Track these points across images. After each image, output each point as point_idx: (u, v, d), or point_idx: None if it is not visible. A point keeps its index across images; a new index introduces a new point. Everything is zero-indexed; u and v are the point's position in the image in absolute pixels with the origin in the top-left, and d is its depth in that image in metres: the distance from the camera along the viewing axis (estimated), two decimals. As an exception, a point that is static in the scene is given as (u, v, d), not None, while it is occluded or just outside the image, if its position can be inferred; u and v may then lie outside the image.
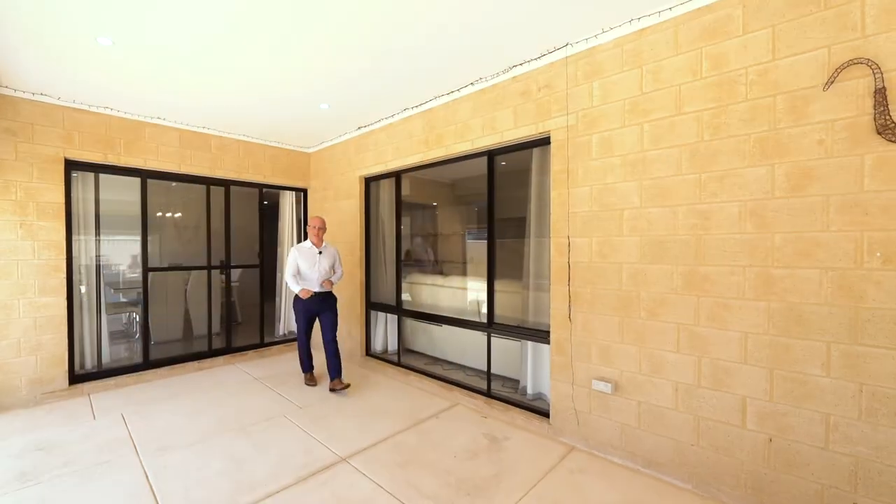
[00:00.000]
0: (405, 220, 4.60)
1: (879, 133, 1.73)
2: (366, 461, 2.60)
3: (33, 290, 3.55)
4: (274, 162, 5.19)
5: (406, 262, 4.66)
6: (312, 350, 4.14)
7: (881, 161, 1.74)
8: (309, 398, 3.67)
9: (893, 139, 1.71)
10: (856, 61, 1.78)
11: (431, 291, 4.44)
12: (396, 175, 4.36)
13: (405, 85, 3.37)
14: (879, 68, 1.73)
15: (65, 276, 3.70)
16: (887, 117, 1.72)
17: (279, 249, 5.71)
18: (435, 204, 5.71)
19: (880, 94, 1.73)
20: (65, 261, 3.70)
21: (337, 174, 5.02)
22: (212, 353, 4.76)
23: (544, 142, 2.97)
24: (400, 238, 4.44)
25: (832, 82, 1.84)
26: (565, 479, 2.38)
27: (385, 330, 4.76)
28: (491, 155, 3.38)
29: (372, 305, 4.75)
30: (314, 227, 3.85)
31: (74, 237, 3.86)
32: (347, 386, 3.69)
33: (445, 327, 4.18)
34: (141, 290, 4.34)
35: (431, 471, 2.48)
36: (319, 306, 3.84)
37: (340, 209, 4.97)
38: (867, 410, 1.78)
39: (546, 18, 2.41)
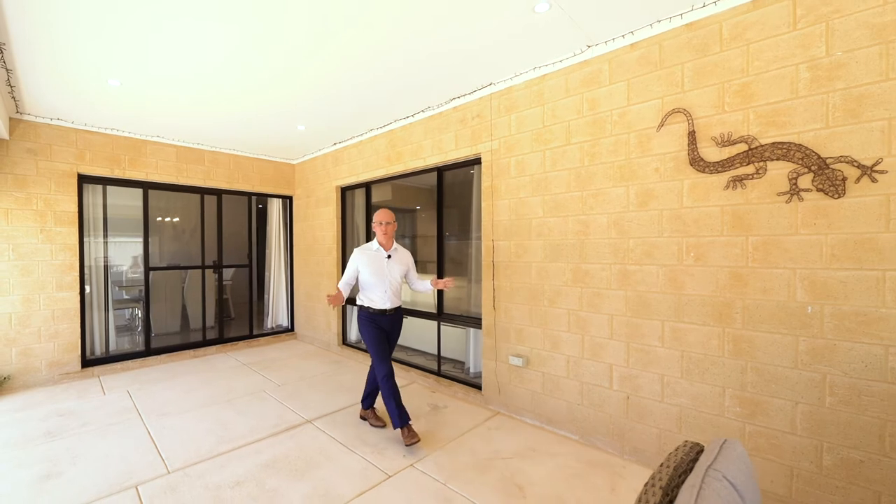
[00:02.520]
0: (403, 219, 5.19)
1: (691, 164, 2.34)
2: (327, 422, 3.21)
3: (51, 286, 4.16)
4: (261, 173, 5.80)
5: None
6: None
7: (693, 185, 2.34)
8: (286, 377, 4.29)
9: (700, 169, 2.31)
10: (677, 110, 2.39)
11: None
12: (367, 185, 4.97)
13: (370, 110, 3.97)
14: (691, 116, 2.34)
15: (78, 274, 4.31)
16: (696, 153, 2.32)
17: (267, 251, 6.32)
18: (418, 208, 6.30)
19: (692, 136, 2.34)
20: (78, 261, 4.31)
21: (317, 184, 5.63)
22: (206, 343, 5.37)
23: (477, 161, 3.58)
24: (370, 240, 5.04)
25: (663, 125, 2.45)
26: (482, 434, 2.99)
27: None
28: (439, 171, 3.99)
29: (348, 300, 5.35)
30: (380, 223, 2.93)
31: (85, 240, 4.47)
32: (416, 440, 2.70)
33: (408, 318, 4.77)
34: (143, 287, 4.96)
35: (379, 429, 3.09)
36: (390, 325, 2.96)
37: (320, 215, 5.58)
38: (686, 371, 2.39)
39: (476, 63, 2.98)
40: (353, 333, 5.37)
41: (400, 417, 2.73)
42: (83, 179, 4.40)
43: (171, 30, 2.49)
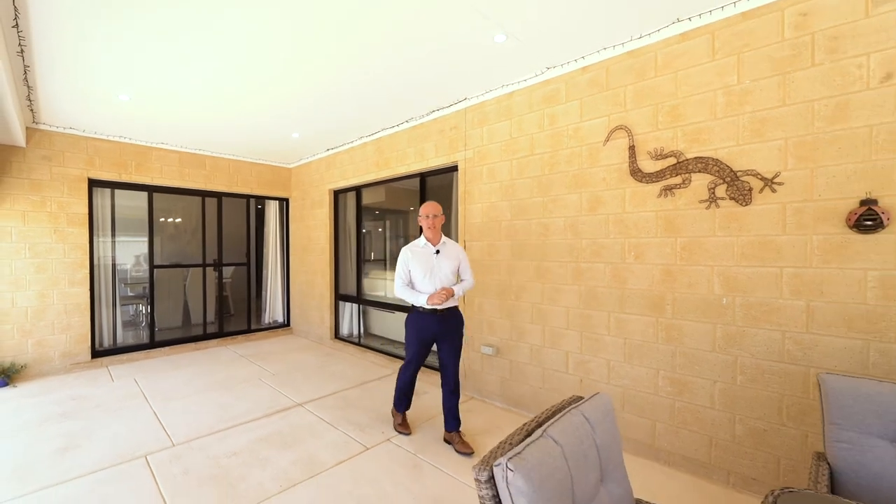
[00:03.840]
0: (379, 224, 5.53)
1: (632, 175, 2.67)
2: (316, 405, 3.54)
3: (64, 282, 4.50)
4: (259, 176, 6.14)
5: (368, 259, 5.60)
6: (417, 384, 3.13)
7: (633, 193, 2.67)
8: (281, 367, 4.62)
9: (638, 179, 2.64)
10: (620, 127, 2.72)
11: (384, 284, 5.37)
12: (357, 189, 5.30)
13: (359, 120, 4.31)
14: (632, 132, 2.67)
15: (88, 271, 4.65)
16: (635, 165, 2.65)
17: (265, 250, 6.65)
18: (412, 209, 6.62)
19: (632, 150, 2.66)
20: (88, 259, 4.65)
21: (312, 187, 5.96)
22: (207, 337, 5.70)
23: (455, 168, 3.91)
24: (360, 240, 5.39)
25: (609, 140, 2.77)
26: (455, 415, 3.32)
27: (350, 317, 5.70)
28: (422, 176, 4.32)
29: (340, 297, 5.69)
30: (426, 216, 2.77)
31: (94, 240, 4.81)
32: (471, 452, 2.66)
33: (396, 313, 5.11)
34: (147, 284, 5.29)
35: (361, 410, 3.42)
36: (441, 327, 2.75)
37: (315, 216, 5.91)
38: (628, 356, 2.72)
39: (452, 80, 3.28)
40: (345, 327, 5.70)
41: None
42: (93, 183, 4.74)
43: (174, 51, 2.82)
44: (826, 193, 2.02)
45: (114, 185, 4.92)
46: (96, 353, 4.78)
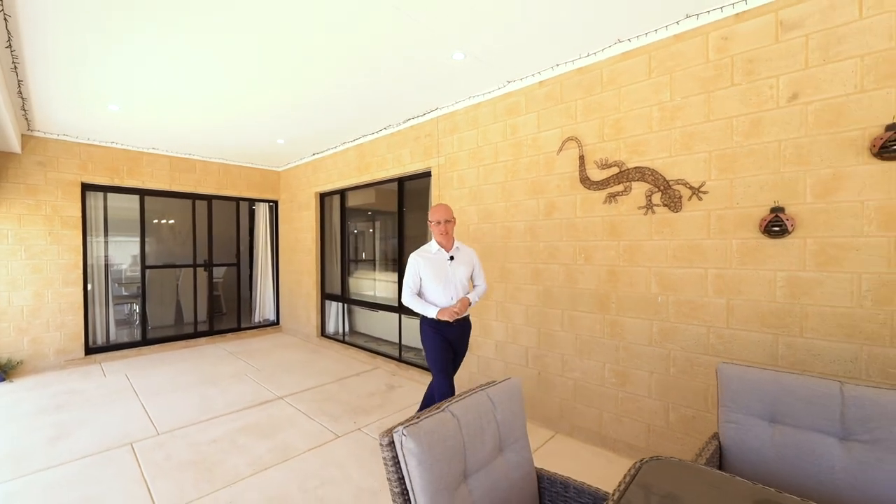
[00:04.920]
0: (365, 225, 5.74)
1: (581, 182, 2.88)
2: (296, 399, 3.75)
3: (58, 282, 4.70)
4: (248, 179, 6.34)
5: (353, 260, 5.81)
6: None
7: (583, 199, 2.88)
8: (267, 363, 4.83)
9: (587, 187, 2.85)
10: (572, 138, 2.93)
11: (368, 283, 5.59)
12: (341, 192, 5.51)
13: (338, 129, 4.51)
14: (581, 143, 2.88)
15: (81, 272, 4.86)
16: (584, 173, 2.86)
17: (255, 251, 6.86)
18: (394, 210, 6.83)
19: (581, 159, 2.87)
20: (81, 260, 4.85)
21: (299, 190, 6.17)
22: (197, 335, 5.91)
23: (428, 174, 4.12)
24: (345, 241, 5.60)
25: (562, 150, 2.98)
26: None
27: (336, 315, 5.91)
28: (400, 181, 4.53)
29: (326, 296, 5.90)
30: (437, 222, 2.59)
31: (88, 241, 5.01)
32: None
33: (380, 312, 5.32)
34: (140, 284, 5.50)
35: (338, 403, 3.63)
36: (456, 334, 2.61)
37: (302, 218, 6.12)
38: (579, 350, 2.93)
39: (425, 91, 3.47)
40: (331, 326, 5.92)
41: None
42: (86, 187, 4.94)
43: (159, 65, 3.03)
44: (743, 202, 2.23)
45: (106, 189, 5.12)
46: (90, 350, 4.99)
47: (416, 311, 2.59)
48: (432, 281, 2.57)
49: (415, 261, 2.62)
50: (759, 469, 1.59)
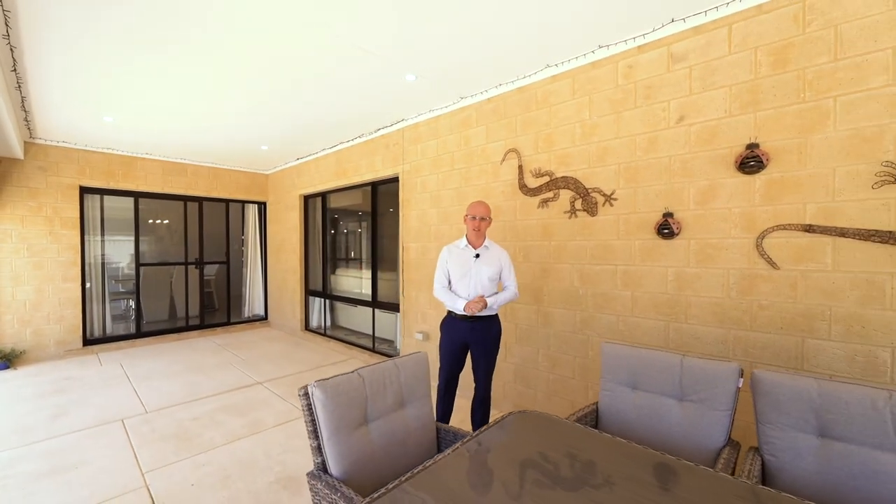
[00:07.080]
0: (346, 225, 6.12)
1: (520, 189, 3.25)
2: (273, 384, 4.13)
3: (58, 278, 5.08)
4: (237, 182, 6.72)
5: (334, 258, 6.19)
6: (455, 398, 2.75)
7: (522, 204, 3.25)
8: (252, 354, 5.21)
9: (525, 193, 3.22)
10: (512, 149, 3.29)
11: (346, 280, 5.96)
12: (323, 195, 5.89)
13: (319, 135, 4.89)
14: (520, 154, 3.24)
15: (79, 269, 5.24)
16: (523, 181, 3.23)
17: (246, 249, 7.24)
18: (391, 210, 7.21)
19: (520, 169, 3.24)
20: (79, 258, 5.23)
21: (285, 192, 6.54)
22: (189, 328, 6.29)
23: (397, 179, 4.49)
24: (326, 240, 5.97)
25: (505, 160, 3.35)
26: (389, 391, 3.91)
27: (319, 310, 6.29)
28: (373, 185, 4.90)
29: (309, 292, 6.28)
30: (473, 217, 2.59)
31: (86, 240, 5.39)
32: None
33: (357, 307, 5.69)
34: (135, 280, 5.88)
35: (310, 387, 4.01)
36: (473, 336, 2.57)
37: (288, 219, 6.50)
38: (518, 338, 3.30)
39: (392, 104, 3.84)
40: (314, 320, 6.29)
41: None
42: (84, 190, 5.32)
43: (149, 82, 3.40)
44: (643, 207, 2.60)
45: (103, 192, 5.50)
46: (87, 341, 5.37)
47: (446, 304, 2.63)
48: (456, 275, 2.60)
49: (443, 254, 2.68)
50: (623, 427, 1.96)
